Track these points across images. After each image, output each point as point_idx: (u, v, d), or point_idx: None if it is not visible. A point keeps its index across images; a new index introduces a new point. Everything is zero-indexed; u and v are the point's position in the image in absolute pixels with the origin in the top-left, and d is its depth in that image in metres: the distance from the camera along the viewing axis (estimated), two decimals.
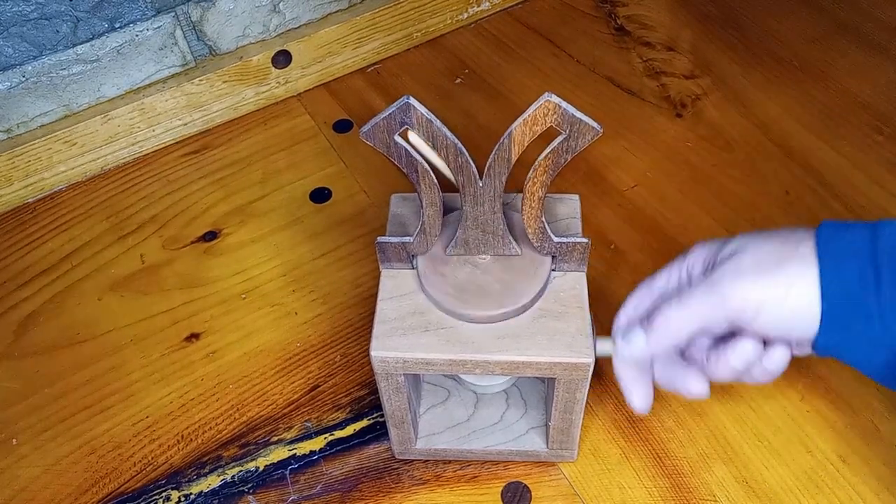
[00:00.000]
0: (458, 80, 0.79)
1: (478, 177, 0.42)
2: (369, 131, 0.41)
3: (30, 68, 0.66)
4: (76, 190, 0.72)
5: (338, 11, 0.78)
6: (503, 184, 0.43)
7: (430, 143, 0.41)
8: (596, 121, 0.40)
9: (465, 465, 0.53)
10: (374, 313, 0.46)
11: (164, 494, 0.53)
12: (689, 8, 0.85)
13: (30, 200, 0.71)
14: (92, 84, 0.69)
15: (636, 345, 0.44)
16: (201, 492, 0.53)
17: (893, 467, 0.51)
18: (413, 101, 0.39)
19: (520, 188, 0.44)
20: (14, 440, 0.56)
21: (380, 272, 0.48)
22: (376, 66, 0.81)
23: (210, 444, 0.55)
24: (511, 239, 0.46)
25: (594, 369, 0.45)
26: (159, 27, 0.69)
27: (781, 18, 0.83)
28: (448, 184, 0.44)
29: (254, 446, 0.55)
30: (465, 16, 0.84)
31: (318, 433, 0.55)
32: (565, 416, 0.48)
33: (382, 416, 0.55)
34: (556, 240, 0.46)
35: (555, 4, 0.87)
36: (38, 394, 0.58)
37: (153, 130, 0.73)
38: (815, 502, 0.50)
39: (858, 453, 0.52)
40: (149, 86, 0.72)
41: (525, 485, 0.52)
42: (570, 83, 0.78)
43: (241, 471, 0.54)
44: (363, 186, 0.70)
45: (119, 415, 0.57)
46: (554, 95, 0.38)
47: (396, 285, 0.48)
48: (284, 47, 0.75)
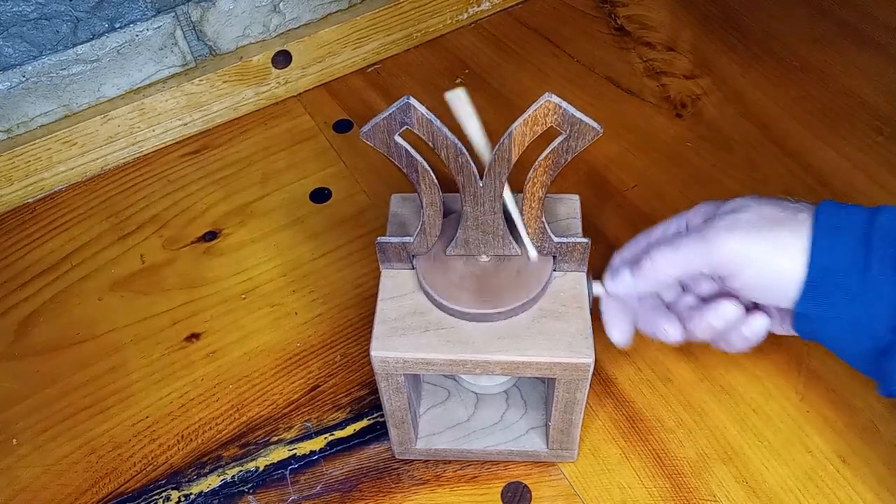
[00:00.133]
0: (458, 80, 0.79)
1: (478, 177, 0.42)
2: (369, 131, 0.41)
3: (30, 68, 0.66)
4: (76, 190, 0.72)
5: (338, 11, 0.78)
6: (503, 184, 0.43)
7: (431, 142, 0.41)
8: (596, 121, 0.40)
9: (465, 465, 0.53)
10: (374, 313, 0.46)
11: (164, 494, 0.53)
12: (689, 8, 0.85)
13: (30, 200, 0.71)
14: (92, 84, 0.69)
15: (622, 281, 0.46)
16: (201, 492, 0.53)
17: (893, 467, 0.51)
18: (413, 101, 0.39)
19: (519, 188, 0.44)
20: (14, 440, 0.56)
21: (380, 272, 0.48)
22: (376, 66, 0.81)
23: (210, 444, 0.55)
24: (511, 239, 0.46)
25: (594, 369, 0.45)
26: (159, 27, 0.69)
27: (781, 18, 0.83)
28: (448, 184, 0.44)
29: (254, 446, 0.55)
30: (465, 16, 0.84)
31: (318, 433, 0.55)
32: (565, 417, 0.48)
33: (382, 416, 0.55)
34: (556, 240, 0.46)
35: (555, 4, 0.87)
36: (38, 394, 0.58)
37: (153, 130, 0.73)
38: (815, 502, 0.50)
39: (858, 453, 0.52)
40: (149, 86, 0.72)
41: (525, 485, 0.52)
42: (570, 83, 0.78)
43: (241, 471, 0.54)
44: (363, 186, 0.70)
45: (119, 415, 0.57)
46: (554, 96, 0.38)
47: (396, 285, 0.48)
48: (284, 47, 0.75)
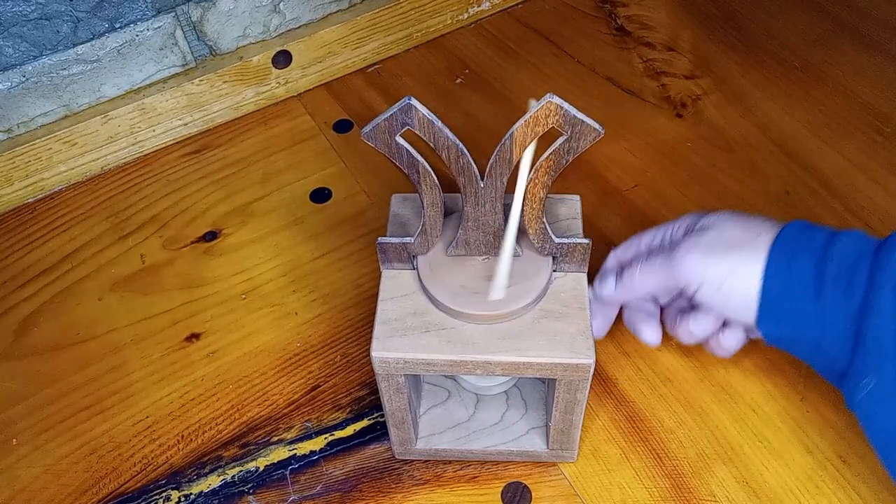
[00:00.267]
0: (458, 81, 0.79)
1: (479, 178, 0.42)
2: (370, 132, 0.41)
3: (30, 68, 0.66)
4: (76, 190, 0.72)
5: (338, 11, 0.78)
6: (504, 185, 0.43)
7: (433, 143, 0.41)
8: (597, 121, 0.40)
9: (465, 466, 0.53)
10: (374, 313, 0.46)
11: (164, 494, 0.53)
12: (690, 8, 0.85)
13: (30, 200, 0.71)
14: (92, 84, 0.69)
15: (607, 289, 0.50)
16: (201, 492, 0.53)
17: None
18: (415, 101, 0.39)
19: None
20: (14, 440, 0.56)
21: (380, 272, 0.48)
22: (376, 67, 0.81)
23: (210, 444, 0.55)
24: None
25: (595, 370, 0.45)
26: (159, 27, 0.69)
27: (781, 18, 0.83)
28: (449, 184, 0.44)
29: (254, 446, 0.55)
30: (466, 16, 0.84)
31: (319, 433, 0.55)
32: (566, 417, 0.48)
33: (382, 416, 0.55)
34: (557, 241, 0.46)
35: (555, 4, 0.87)
36: (38, 394, 0.58)
37: (153, 130, 0.73)
38: (815, 502, 0.51)
39: (858, 453, 0.52)
40: (149, 86, 0.72)
41: (525, 485, 0.52)
42: (570, 83, 0.78)
43: (241, 471, 0.54)
44: (363, 186, 0.70)
45: (119, 415, 0.57)
46: (556, 96, 0.38)
47: (397, 286, 0.48)
48: (285, 47, 0.75)
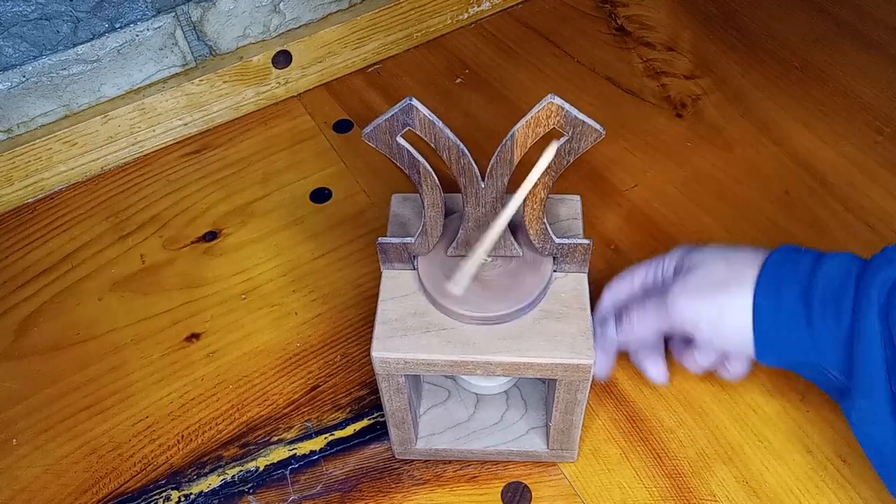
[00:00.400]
0: (458, 81, 0.79)
1: (480, 178, 0.42)
2: (371, 132, 0.41)
3: (30, 68, 0.66)
4: (76, 190, 0.72)
5: (338, 11, 0.78)
6: (505, 185, 0.43)
7: (433, 143, 0.41)
8: (598, 122, 0.40)
9: (465, 465, 0.53)
10: (374, 314, 0.46)
11: (164, 494, 0.53)
12: (690, 8, 0.85)
13: (30, 200, 0.71)
14: (92, 84, 0.69)
15: (609, 337, 0.50)
16: (201, 492, 0.53)
17: None
18: (416, 102, 0.39)
19: None
20: (14, 440, 0.56)
21: (380, 272, 0.48)
22: (376, 67, 0.81)
23: (210, 444, 0.55)
24: (512, 240, 0.46)
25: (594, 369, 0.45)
26: (159, 27, 0.69)
27: (781, 18, 0.83)
28: (449, 184, 0.44)
29: (254, 446, 0.55)
30: (466, 16, 0.84)
31: (319, 433, 0.55)
32: (566, 417, 0.48)
33: (382, 416, 0.55)
34: (557, 241, 0.46)
35: (555, 4, 0.87)
36: (38, 394, 0.58)
37: (153, 130, 0.73)
38: (815, 502, 0.51)
39: (858, 453, 0.52)
40: (149, 86, 0.72)
41: (525, 485, 0.52)
42: (570, 83, 0.78)
43: (241, 471, 0.54)
44: (363, 186, 0.70)
45: (119, 415, 0.57)
46: (557, 97, 0.38)
47: (397, 286, 0.48)
48: (284, 47, 0.75)
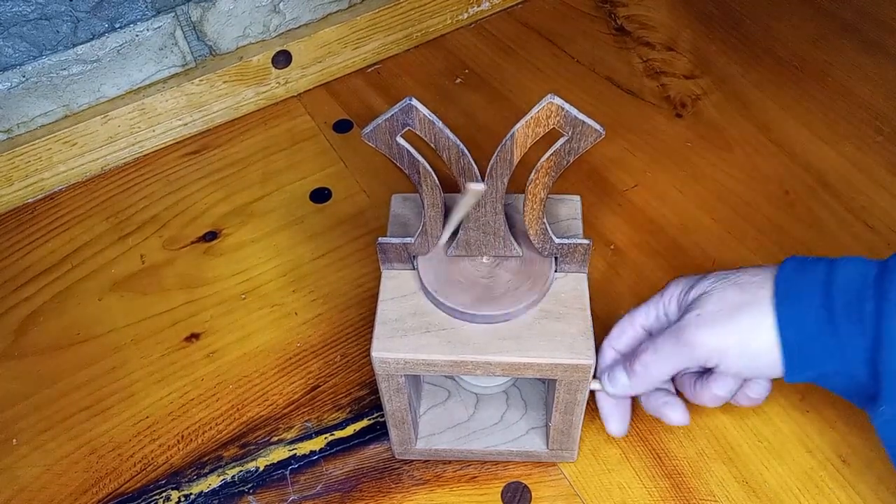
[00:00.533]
0: (458, 81, 0.79)
1: (480, 178, 0.42)
2: (371, 132, 0.41)
3: (30, 68, 0.66)
4: (76, 190, 0.72)
5: (338, 11, 0.78)
6: (505, 185, 0.43)
7: (433, 143, 0.41)
8: (598, 122, 0.40)
9: (465, 466, 0.53)
10: (374, 314, 0.46)
11: (164, 494, 0.53)
12: (689, 8, 0.85)
13: (30, 200, 0.71)
14: (92, 84, 0.69)
15: (620, 385, 0.47)
16: (201, 492, 0.53)
17: (893, 467, 0.51)
18: (416, 102, 0.39)
19: (521, 189, 0.44)
20: (14, 440, 0.56)
21: (380, 272, 0.48)
22: (376, 67, 0.81)
23: (210, 444, 0.55)
24: (512, 240, 0.46)
25: (594, 371, 0.45)
26: (159, 27, 0.69)
27: (781, 18, 0.83)
28: (449, 184, 0.44)
29: (254, 446, 0.55)
30: (465, 16, 0.84)
31: (318, 433, 0.55)
32: (566, 417, 0.48)
33: (382, 416, 0.55)
34: (557, 241, 0.46)
35: (555, 4, 0.87)
36: (38, 394, 0.58)
37: (153, 130, 0.73)
38: (815, 502, 0.51)
39: (858, 453, 0.52)
40: (149, 86, 0.72)
41: (525, 485, 0.52)
42: (570, 83, 0.78)
43: (241, 471, 0.54)
44: (363, 186, 0.70)
45: (119, 415, 0.57)
46: (557, 97, 0.38)
47: (397, 286, 0.48)
48: (284, 47, 0.75)
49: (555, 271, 0.47)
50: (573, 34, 0.83)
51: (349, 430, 0.55)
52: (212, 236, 0.67)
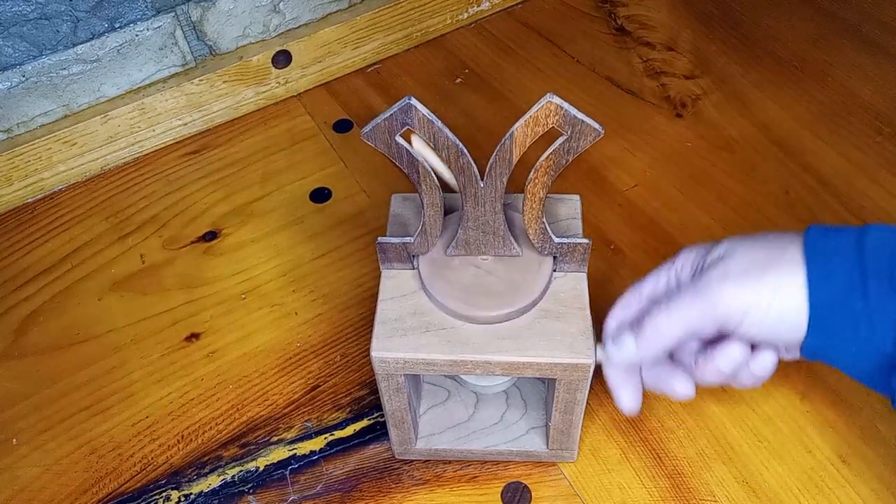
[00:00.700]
0: (458, 80, 0.79)
1: (479, 178, 0.42)
2: (370, 132, 0.41)
3: (30, 68, 0.66)
4: (76, 190, 0.72)
5: (338, 11, 0.78)
6: (504, 185, 0.43)
7: (432, 145, 0.41)
8: (597, 121, 0.40)
9: (465, 466, 0.53)
10: (374, 313, 0.46)
11: (164, 494, 0.53)
12: (689, 8, 0.85)
13: (30, 200, 0.71)
14: (92, 84, 0.69)
15: (627, 350, 0.44)
16: (201, 492, 0.53)
17: (893, 467, 0.51)
18: (415, 101, 0.39)
19: (520, 189, 0.44)
20: (14, 440, 0.56)
21: (380, 272, 0.48)
22: (376, 66, 0.81)
23: (210, 444, 0.55)
24: (512, 239, 0.46)
25: (594, 370, 0.45)
26: (159, 27, 0.69)
27: (781, 18, 0.83)
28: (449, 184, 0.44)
29: (254, 446, 0.55)
30: (465, 16, 0.84)
31: (318, 433, 0.55)
32: (565, 417, 0.48)
33: (382, 416, 0.55)
34: (556, 240, 0.46)
35: (555, 4, 0.87)
36: (38, 394, 0.58)
37: (153, 130, 0.73)
38: (815, 502, 0.51)
39: (858, 453, 0.52)
40: (149, 86, 0.72)
41: (525, 485, 0.52)
42: (570, 83, 0.78)
43: (241, 471, 0.54)
44: (363, 186, 0.70)
45: (119, 415, 0.57)
46: (556, 96, 0.38)
47: (397, 286, 0.48)
48: (284, 47, 0.75)
49: (554, 271, 0.47)
50: (573, 34, 0.83)
51: (349, 430, 0.55)
52: (212, 236, 0.67)
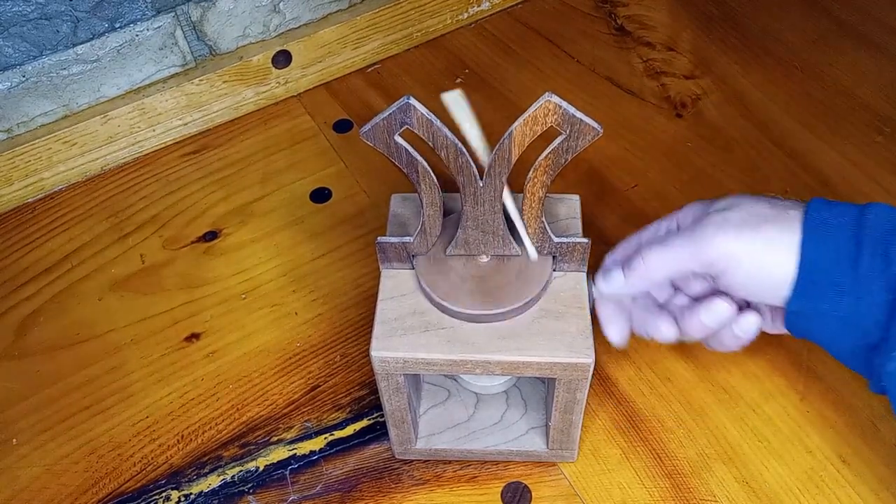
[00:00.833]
0: (458, 80, 0.79)
1: (478, 177, 0.42)
2: (370, 131, 0.41)
3: (30, 68, 0.66)
4: (76, 190, 0.72)
5: (338, 11, 0.78)
6: (503, 184, 0.43)
7: (432, 142, 0.41)
8: (596, 121, 0.40)
9: (465, 466, 0.53)
10: (374, 313, 0.46)
11: (164, 494, 0.53)
12: (689, 8, 0.85)
13: (30, 200, 0.71)
14: (92, 84, 0.69)
15: (614, 282, 0.46)
16: (201, 492, 0.53)
17: (893, 467, 0.51)
18: (414, 101, 0.39)
19: (520, 188, 0.44)
20: (14, 440, 0.56)
21: (380, 272, 0.48)
22: (376, 66, 0.81)
23: (210, 444, 0.55)
24: (511, 239, 0.46)
25: (594, 369, 0.45)
26: (159, 27, 0.69)
27: (781, 18, 0.83)
28: (448, 183, 0.44)
29: (254, 446, 0.55)
30: (465, 16, 0.84)
31: (318, 433, 0.55)
32: (565, 417, 0.48)
33: (382, 416, 0.55)
34: (556, 240, 0.46)
35: (555, 4, 0.87)
36: (38, 394, 0.58)
37: (153, 130, 0.73)
38: (815, 502, 0.50)
39: (858, 453, 0.52)
40: (149, 86, 0.72)
41: (525, 485, 0.52)
42: (570, 83, 0.78)
43: (241, 471, 0.54)
44: (363, 186, 0.70)
45: (119, 415, 0.57)
46: (554, 95, 0.38)
47: (396, 285, 0.48)
48: (284, 47, 0.75)
49: (554, 270, 0.47)
50: (573, 34, 0.83)
51: (349, 430, 0.55)
52: (212, 236, 0.67)
